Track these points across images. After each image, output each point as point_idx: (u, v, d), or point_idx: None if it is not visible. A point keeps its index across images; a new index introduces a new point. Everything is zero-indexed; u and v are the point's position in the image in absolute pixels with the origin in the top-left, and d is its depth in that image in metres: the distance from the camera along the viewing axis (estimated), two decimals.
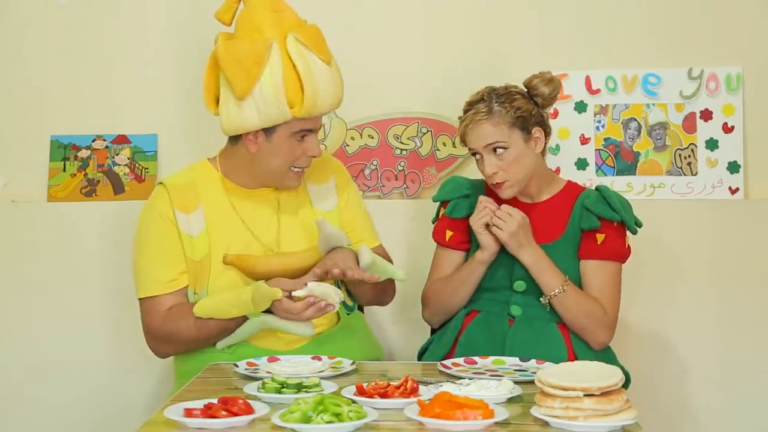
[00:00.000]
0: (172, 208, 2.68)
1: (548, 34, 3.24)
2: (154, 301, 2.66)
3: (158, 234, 2.68)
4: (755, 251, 3.17)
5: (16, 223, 3.22)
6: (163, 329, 2.65)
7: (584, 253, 2.75)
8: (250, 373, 2.41)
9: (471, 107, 2.75)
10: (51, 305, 3.20)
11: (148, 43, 3.27)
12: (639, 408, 2.00)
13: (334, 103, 2.69)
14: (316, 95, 2.61)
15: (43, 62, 3.27)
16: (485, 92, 2.75)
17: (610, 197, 2.74)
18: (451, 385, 2.18)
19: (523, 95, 2.75)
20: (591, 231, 2.73)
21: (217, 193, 2.73)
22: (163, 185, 2.73)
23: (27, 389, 3.21)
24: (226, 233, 2.69)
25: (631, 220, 2.74)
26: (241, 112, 2.62)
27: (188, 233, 2.67)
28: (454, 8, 3.25)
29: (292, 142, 2.65)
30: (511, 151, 2.70)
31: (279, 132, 2.64)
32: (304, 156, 2.68)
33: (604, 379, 1.97)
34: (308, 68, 2.61)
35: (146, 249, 2.70)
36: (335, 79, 2.68)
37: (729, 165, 3.19)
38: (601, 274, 2.73)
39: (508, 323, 2.74)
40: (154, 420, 2.03)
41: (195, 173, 2.76)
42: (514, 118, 2.71)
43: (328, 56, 2.67)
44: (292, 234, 2.73)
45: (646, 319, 3.18)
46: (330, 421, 1.92)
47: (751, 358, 3.17)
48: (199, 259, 2.66)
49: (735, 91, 3.20)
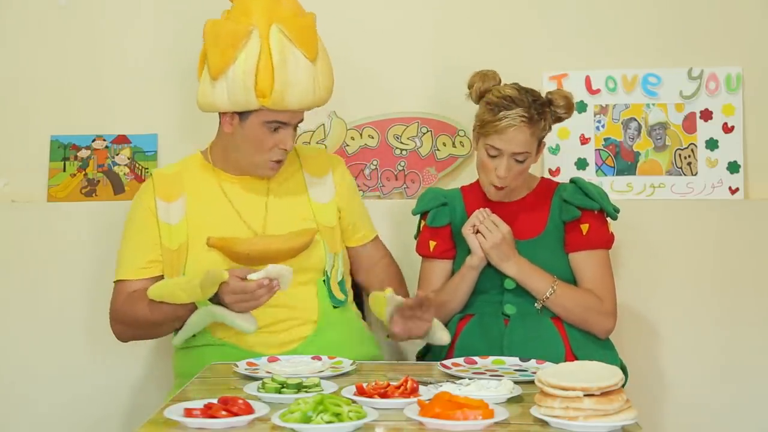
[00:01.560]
0: (154, 198, 2.75)
1: (548, 34, 3.24)
2: (123, 285, 2.75)
3: (138, 222, 2.77)
4: (755, 251, 3.17)
5: (16, 223, 3.22)
6: (121, 310, 2.73)
7: (571, 246, 2.79)
8: (250, 373, 2.41)
9: (513, 106, 2.70)
10: (51, 305, 3.20)
11: (148, 43, 3.27)
12: (638, 408, 2.00)
13: (308, 100, 2.68)
14: (285, 89, 2.62)
15: (43, 62, 3.27)
16: (525, 95, 2.73)
17: (586, 187, 2.80)
18: (451, 385, 2.18)
19: (549, 109, 2.76)
20: (573, 222, 2.78)
21: (207, 181, 2.78)
22: (151, 176, 2.82)
23: (26, 389, 3.20)
24: (213, 218, 2.72)
25: (609, 207, 2.81)
26: (213, 91, 2.67)
27: (167, 221, 2.73)
28: (454, 8, 3.25)
29: (264, 132, 2.67)
30: (529, 161, 2.76)
31: (251, 119, 2.67)
32: (277, 148, 2.70)
33: (605, 379, 1.97)
34: (284, 61, 2.62)
35: (126, 235, 2.80)
36: (317, 77, 2.68)
37: (729, 165, 3.19)
38: (592, 263, 2.78)
39: (503, 323, 2.74)
40: (154, 420, 2.03)
41: (184, 164, 2.84)
42: (541, 133, 2.74)
43: (313, 53, 2.67)
44: (279, 218, 2.75)
45: (646, 319, 3.18)
46: (330, 421, 1.92)
47: (752, 358, 3.17)
48: (176, 247, 2.71)
49: (735, 91, 3.20)
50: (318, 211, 2.80)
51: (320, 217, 2.79)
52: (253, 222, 2.75)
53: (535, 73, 3.17)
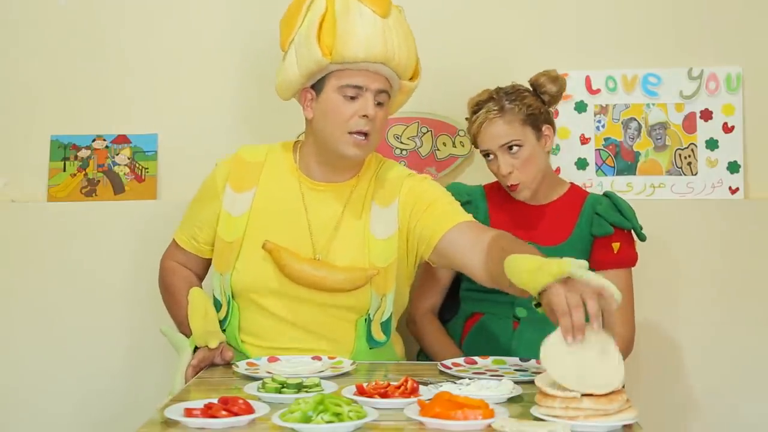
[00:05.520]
0: (225, 181, 2.68)
1: (548, 34, 3.24)
2: (174, 245, 2.79)
3: (203, 195, 2.74)
4: (755, 251, 3.17)
5: (16, 223, 3.22)
6: (162, 266, 2.81)
7: (602, 263, 2.77)
8: (250, 373, 2.41)
9: (481, 106, 2.73)
10: (51, 305, 3.20)
11: (148, 43, 3.27)
12: (639, 407, 2.00)
13: (377, 52, 2.52)
14: (348, 38, 2.51)
15: (43, 62, 3.27)
16: (493, 91, 2.75)
17: (620, 204, 2.79)
18: (451, 385, 2.18)
19: (531, 93, 2.75)
20: (604, 239, 2.76)
21: (288, 181, 2.67)
22: (235, 155, 2.72)
23: (26, 390, 3.21)
24: (281, 221, 2.63)
25: (638, 228, 2.81)
26: (284, 66, 2.60)
27: (229, 211, 2.66)
28: (454, 8, 3.25)
29: (340, 101, 2.55)
30: (525, 149, 2.71)
31: (326, 89, 2.56)
32: (357, 116, 2.54)
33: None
34: (346, 13, 2.53)
35: (193, 199, 2.77)
36: (386, 31, 2.54)
37: (729, 165, 3.19)
38: (620, 284, 2.69)
39: (512, 326, 2.73)
40: (154, 420, 2.03)
41: (272, 154, 2.72)
42: (525, 116, 2.71)
43: (385, 10, 2.57)
44: (342, 243, 2.62)
45: (646, 319, 3.18)
46: (330, 421, 1.92)
47: (752, 358, 3.17)
48: (231, 240, 2.64)
49: (735, 91, 3.20)
50: (374, 248, 2.61)
51: (375, 254, 2.61)
52: (318, 238, 2.62)
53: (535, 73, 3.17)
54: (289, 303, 2.61)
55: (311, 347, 2.60)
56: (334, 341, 2.61)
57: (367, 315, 2.62)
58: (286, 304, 2.61)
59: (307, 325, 2.60)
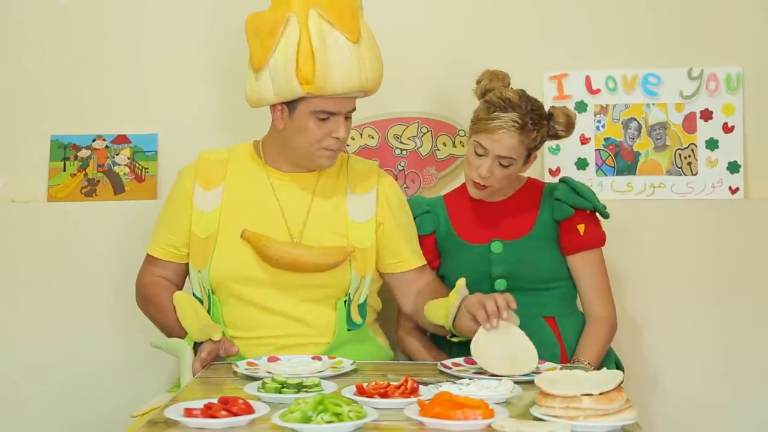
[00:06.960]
0: (193, 181, 2.73)
1: (548, 34, 3.24)
2: (149, 259, 2.80)
3: (173, 202, 2.78)
4: (755, 251, 3.17)
5: (16, 223, 3.22)
6: (139, 284, 2.81)
7: (571, 248, 2.81)
8: (250, 373, 2.41)
9: (509, 109, 2.70)
10: (51, 305, 3.20)
11: (148, 43, 3.27)
12: (639, 408, 2.00)
13: (353, 83, 2.60)
14: (327, 73, 2.56)
15: (43, 62, 3.27)
16: (523, 100, 2.72)
17: (578, 187, 2.83)
18: (451, 385, 2.18)
19: (547, 123, 2.75)
20: (568, 222, 2.79)
21: (255, 174, 2.74)
22: (198, 158, 2.79)
23: (26, 389, 3.20)
24: (254, 212, 2.69)
25: (600, 206, 2.84)
26: (258, 84, 2.63)
27: (200, 209, 2.71)
28: (454, 8, 3.25)
29: (313, 122, 2.62)
30: (514, 168, 2.75)
31: (299, 110, 2.62)
32: (330, 137, 2.64)
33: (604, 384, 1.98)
34: (323, 44, 2.57)
35: (162, 211, 2.82)
36: (360, 59, 2.61)
37: (729, 165, 3.19)
38: (591, 266, 2.82)
39: None
40: (154, 420, 2.03)
41: (233, 152, 2.80)
42: (531, 141, 2.73)
43: (355, 34, 2.61)
44: (317, 226, 2.70)
45: (645, 319, 3.18)
46: (330, 420, 1.92)
47: (752, 358, 3.17)
48: (205, 236, 2.68)
49: (735, 91, 3.20)
50: (353, 230, 2.72)
51: (354, 236, 2.71)
52: (293, 224, 2.70)
53: (535, 73, 3.18)
54: (268, 290, 2.66)
55: (292, 332, 2.65)
56: (315, 326, 2.67)
57: (347, 296, 2.68)
58: (266, 291, 2.66)
59: (287, 311, 2.66)
